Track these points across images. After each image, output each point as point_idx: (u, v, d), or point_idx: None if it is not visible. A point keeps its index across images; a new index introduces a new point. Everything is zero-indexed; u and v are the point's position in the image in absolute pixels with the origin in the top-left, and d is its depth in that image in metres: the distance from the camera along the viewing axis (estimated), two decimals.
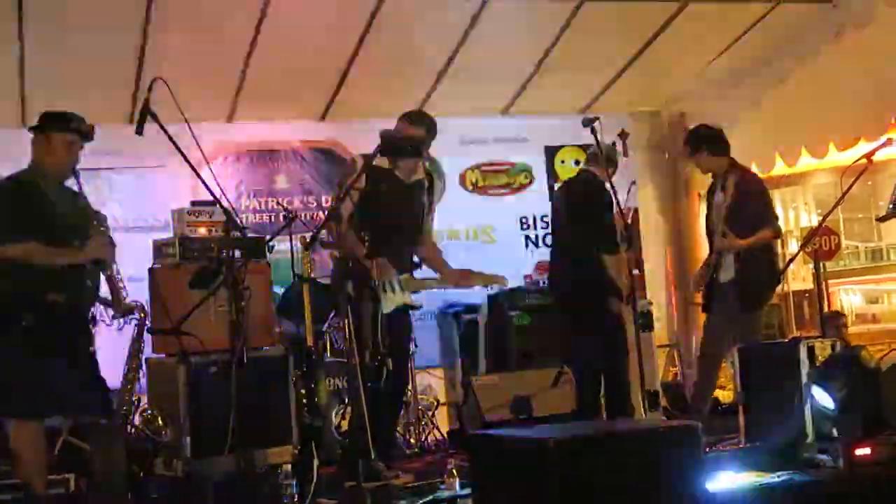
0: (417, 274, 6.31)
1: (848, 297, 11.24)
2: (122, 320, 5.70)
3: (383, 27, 7.75)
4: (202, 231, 6.82)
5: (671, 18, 8.04)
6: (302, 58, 7.94)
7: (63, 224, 5.32)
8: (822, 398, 5.44)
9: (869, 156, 6.28)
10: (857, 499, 4.99)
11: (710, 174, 7.24)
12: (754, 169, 8.45)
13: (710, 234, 7.15)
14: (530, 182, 9.70)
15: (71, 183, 5.43)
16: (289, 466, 5.35)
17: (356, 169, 5.86)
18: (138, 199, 8.34)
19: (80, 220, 5.40)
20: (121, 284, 5.51)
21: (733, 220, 6.84)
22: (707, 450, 5.77)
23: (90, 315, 5.54)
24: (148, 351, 6.57)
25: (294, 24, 7.57)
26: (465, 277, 6.39)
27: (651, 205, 9.66)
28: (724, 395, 9.02)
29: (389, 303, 5.90)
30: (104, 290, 5.55)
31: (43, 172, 5.34)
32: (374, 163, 5.81)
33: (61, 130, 5.33)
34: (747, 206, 6.87)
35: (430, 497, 5.16)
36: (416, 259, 6.33)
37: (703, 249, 8.89)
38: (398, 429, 7.84)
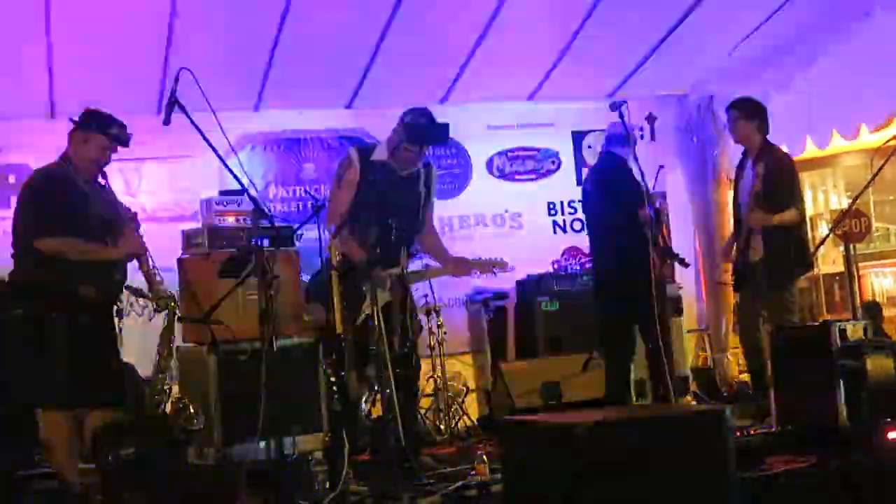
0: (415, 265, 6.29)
1: (878, 280, 11.14)
2: (153, 310, 5.72)
3: (409, 13, 7.73)
4: (231, 220, 6.85)
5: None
6: (327, 46, 7.93)
7: (96, 219, 5.37)
8: None
9: None
10: (890, 482, 4.96)
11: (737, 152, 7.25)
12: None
13: (737, 213, 7.11)
14: (557, 167, 9.67)
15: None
16: (320, 453, 5.36)
17: (352, 162, 5.80)
18: (167, 189, 8.39)
19: (111, 216, 5.45)
20: (158, 277, 5.54)
21: (764, 198, 6.78)
22: (739, 434, 5.76)
23: (117, 308, 5.59)
24: (178, 340, 6.60)
25: (319, 11, 7.57)
26: (465, 265, 6.37)
27: (679, 189, 9.61)
28: None
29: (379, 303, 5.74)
30: (140, 282, 5.59)
31: (74, 167, 5.38)
32: (371, 157, 5.77)
33: (101, 133, 5.37)
34: (779, 186, 6.83)
35: (461, 483, 5.17)
36: (413, 249, 6.26)
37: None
38: (429, 415, 7.89)
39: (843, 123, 7.72)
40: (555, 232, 9.57)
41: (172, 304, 5.80)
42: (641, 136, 7.11)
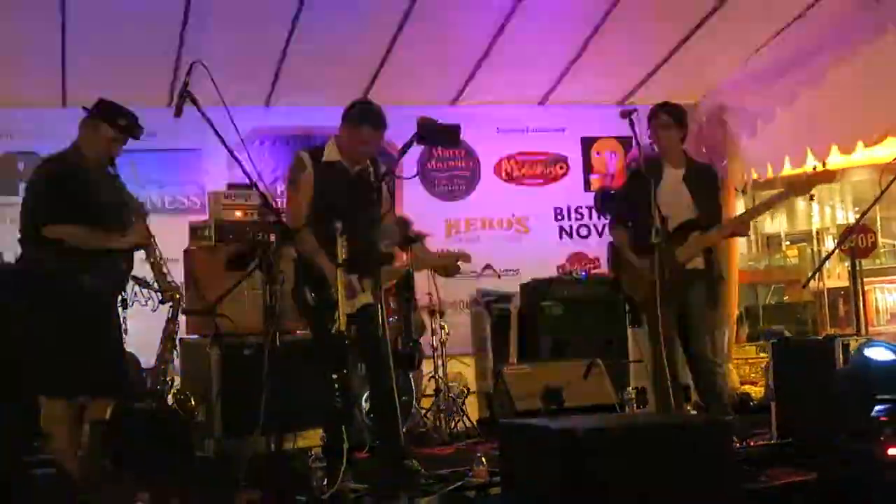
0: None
1: (883, 296, 11.14)
2: (157, 301, 5.73)
3: (422, 14, 7.74)
4: (238, 214, 6.88)
5: (712, 11, 7.98)
6: (340, 43, 7.95)
7: (104, 209, 5.38)
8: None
9: None
10: (890, 498, 4.95)
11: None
12: (787, 164, 8.39)
13: (648, 216, 6.19)
14: (565, 173, 9.68)
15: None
16: (319, 449, 5.36)
17: (305, 165, 5.67)
18: (175, 181, 8.40)
19: (120, 206, 5.46)
20: (164, 269, 5.54)
21: (712, 209, 6.45)
22: (738, 445, 5.75)
23: (121, 298, 5.59)
24: (182, 332, 6.61)
25: (333, 9, 7.58)
26: (434, 259, 6.26)
27: None
28: (756, 390, 8.97)
29: (353, 307, 5.65)
30: (145, 273, 5.59)
31: (84, 156, 5.39)
32: (323, 157, 5.69)
33: (111, 124, 5.37)
34: (719, 198, 6.69)
35: (459, 484, 5.17)
36: (384, 250, 6.16)
37: (738, 243, 8.81)
38: (429, 416, 7.89)
39: (841, 139, 7.72)
40: (561, 237, 9.58)
41: (177, 295, 5.82)
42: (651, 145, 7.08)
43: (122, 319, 5.55)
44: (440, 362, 7.99)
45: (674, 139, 6.49)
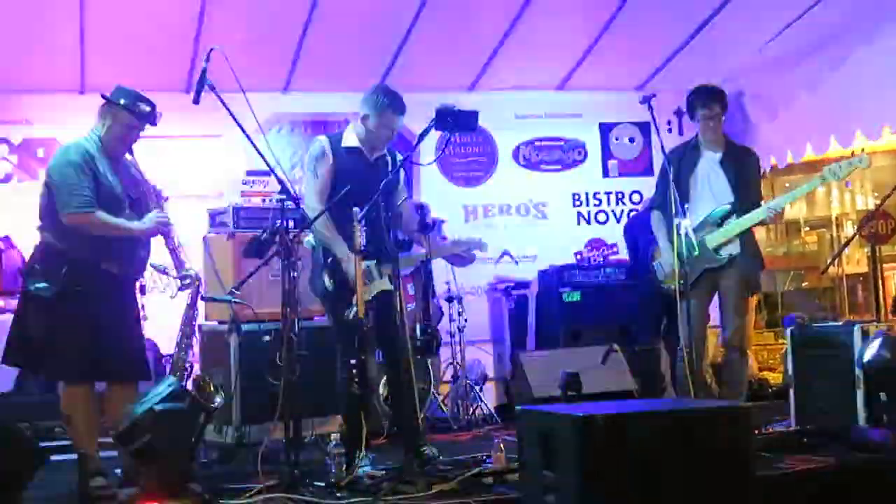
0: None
1: None
2: (176, 288, 5.74)
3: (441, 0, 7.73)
4: (256, 200, 6.87)
5: None
6: (358, 29, 7.94)
7: (122, 195, 5.39)
8: None
9: None
10: None
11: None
12: (809, 150, 8.35)
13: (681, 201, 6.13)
14: (584, 158, 9.66)
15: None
16: (337, 436, 5.38)
17: (325, 151, 5.69)
18: (194, 167, 8.41)
19: (138, 192, 5.47)
20: (182, 255, 5.56)
21: (749, 193, 6.42)
22: (757, 432, 5.74)
23: (140, 284, 5.61)
24: (201, 318, 6.63)
25: None
26: (450, 246, 6.27)
27: None
28: (774, 377, 8.96)
29: (370, 293, 5.59)
30: (163, 259, 5.61)
31: (102, 142, 5.40)
32: (342, 143, 5.70)
33: (129, 111, 5.37)
34: (758, 183, 6.65)
35: (477, 470, 5.17)
36: (401, 237, 6.16)
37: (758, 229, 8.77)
38: (447, 402, 7.91)
39: (866, 124, 7.67)
40: (578, 223, 9.57)
41: (196, 282, 5.83)
42: (669, 130, 7.02)
43: (140, 306, 5.58)
44: (458, 349, 8.00)
45: (720, 123, 6.53)
